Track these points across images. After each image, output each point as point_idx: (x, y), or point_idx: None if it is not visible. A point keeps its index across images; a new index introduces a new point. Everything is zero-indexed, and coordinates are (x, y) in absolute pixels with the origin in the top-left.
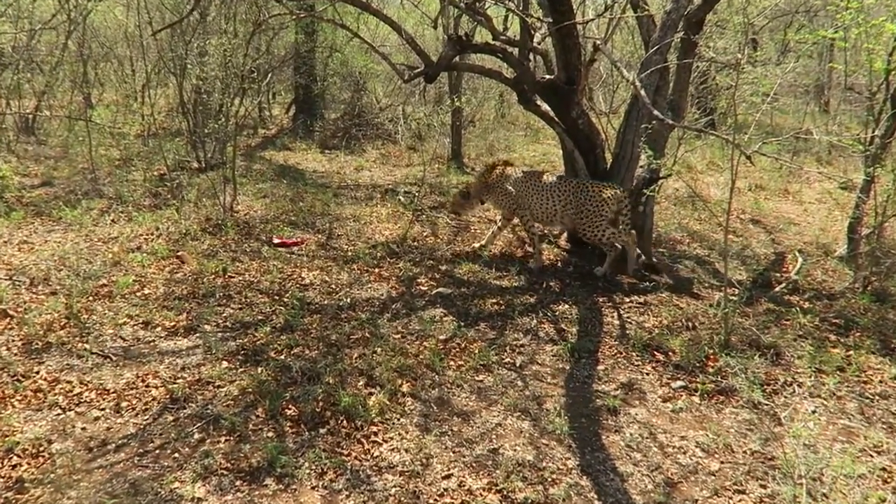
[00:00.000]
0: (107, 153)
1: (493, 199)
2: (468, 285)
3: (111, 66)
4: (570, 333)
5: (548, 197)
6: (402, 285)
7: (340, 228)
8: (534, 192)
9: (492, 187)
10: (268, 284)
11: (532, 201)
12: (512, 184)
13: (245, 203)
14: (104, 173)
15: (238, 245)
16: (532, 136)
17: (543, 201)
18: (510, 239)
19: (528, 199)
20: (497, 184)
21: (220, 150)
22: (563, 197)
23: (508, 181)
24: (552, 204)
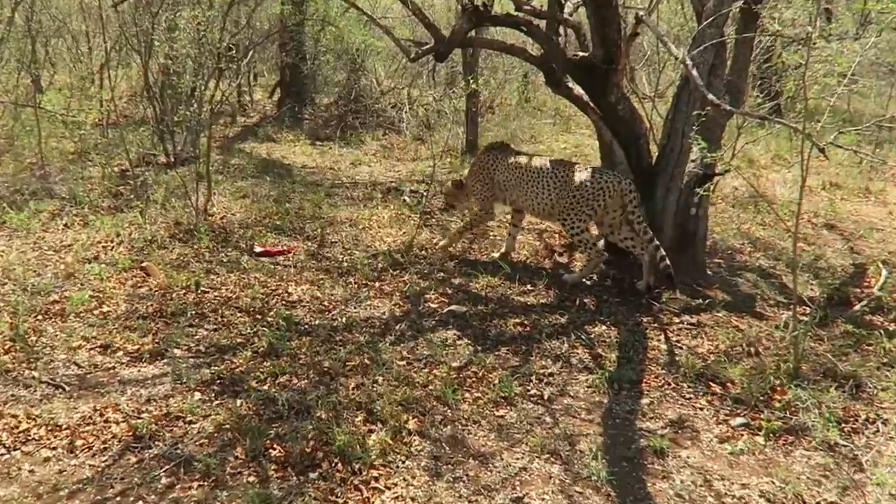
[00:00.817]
0: (59, 146)
1: (469, 184)
2: (486, 302)
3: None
4: (608, 360)
5: (543, 185)
6: (407, 302)
7: (334, 234)
8: (524, 179)
9: (473, 171)
10: (248, 301)
11: (522, 190)
12: (501, 170)
13: (222, 204)
14: (56, 169)
15: (213, 254)
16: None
17: (537, 190)
18: (536, 247)
19: (513, 188)
20: (480, 167)
21: (193, 142)
22: (558, 184)
23: (496, 166)
24: (545, 193)
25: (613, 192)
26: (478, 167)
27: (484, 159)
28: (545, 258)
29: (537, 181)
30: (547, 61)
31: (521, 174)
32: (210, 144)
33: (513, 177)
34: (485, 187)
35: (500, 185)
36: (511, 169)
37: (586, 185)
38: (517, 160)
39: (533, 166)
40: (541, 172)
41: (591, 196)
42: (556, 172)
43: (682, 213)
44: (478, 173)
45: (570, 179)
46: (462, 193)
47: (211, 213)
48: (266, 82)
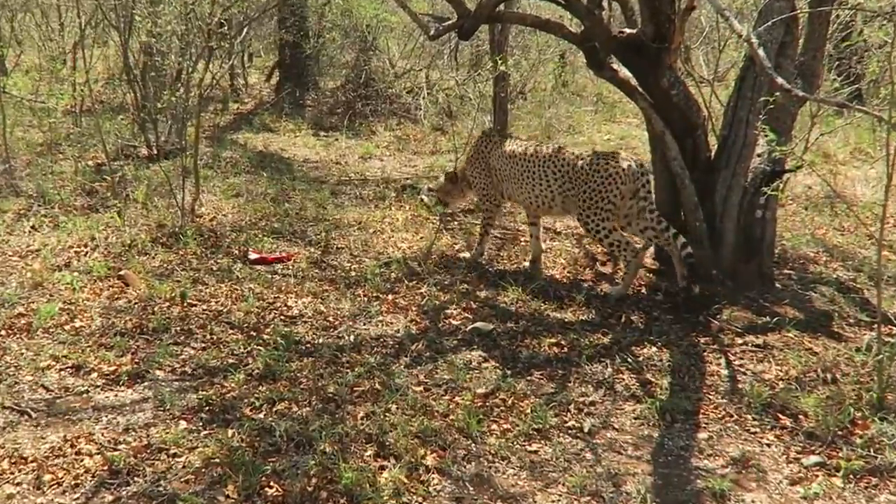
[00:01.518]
0: (25, 136)
1: (468, 177)
2: (517, 319)
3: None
4: (658, 387)
5: (540, 175)
6: (425, 318)
7: (341, 239)
8: (520, 169)
9: (471, 160)
10: (242, 316)
11: (519, 182)
12: (496, 158)
13: (212, 204)
14: (22, 163)
15: (201, 262)
16: (606, 112)
17: (534, 181)
18: (575, 255)
19: (510, 179)
20: (477, 156)
21: (178, 133)
22: (561, 174)
23: (491, 154)
24: (546, 185)
25: (624, 177)
26: (473, 154)
27: (478, 145)
28: (585, 267)
29: (533, 171)
30: (588, 39)
31: (515, 163)
32: (198, 135)
33: (506, 166)
34: (482, 175)
35: (496, 175)
36: (505, 157)
37: (596, 174)
38: (512, 147)
39: (528, 154)
40: (537, 161)
41: (605, 186)
42: (554, 160)
43: (747, 216)
44: (473, 161)
45: (572, 168)
46: (457, 188)
47: (199, 214)
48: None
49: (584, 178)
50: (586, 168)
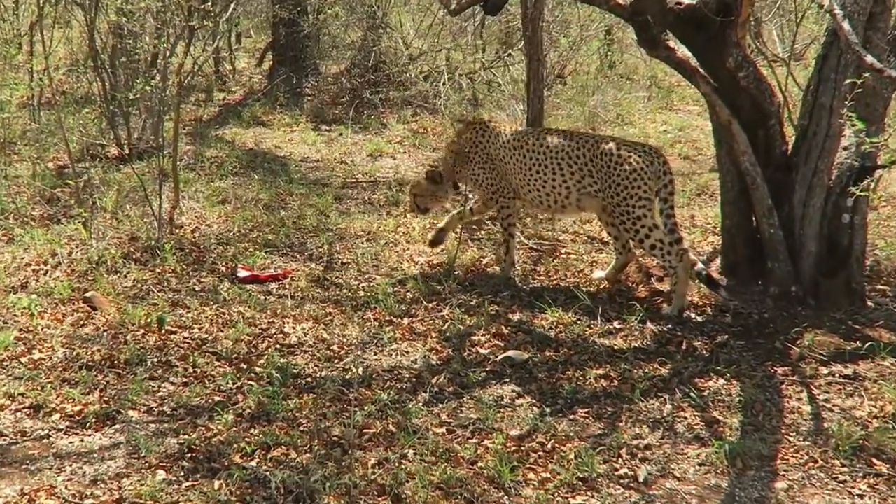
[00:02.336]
0: None
1: (467, 177)
2: (557, 346)
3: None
4: (727, 427)
5: (554, 167)
6: (447, 346)
7: (346, 253)
8: (530, 161)
9: (465, 157)
10: (230, 345)
11: (527, 176)
12: (497, 147)
13: (194, 213)
14: None
15: (182, 281)
16: (661, 98)
17: (546, 174)
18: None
19: (520, 174)
20: (473, 150)
21: (154, 128)
22: (579, 165)
23: (491, 144)
24: (560, 179)
25: (650, 170)
26: (469, 147)
27: (473, 135)
28: (638, 284)
29: (546, 162)
30: (639, 12)
31: (524, 153)
32: (177, 131)
33: (513, 157)
34: (487, 170)
35: (501, 168)
36: (511, 146)
37: (630, 164)
38: (519, 134)
39: (540, 142)
40: (551, 150)
41: (639, 176)
42: (574, 148)
43: (832, 221)
44: (472, 156)
45: (598, 158)
46: (441, 189)
47: (179, 225)
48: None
49: (616, 167)
50: (626, 158)
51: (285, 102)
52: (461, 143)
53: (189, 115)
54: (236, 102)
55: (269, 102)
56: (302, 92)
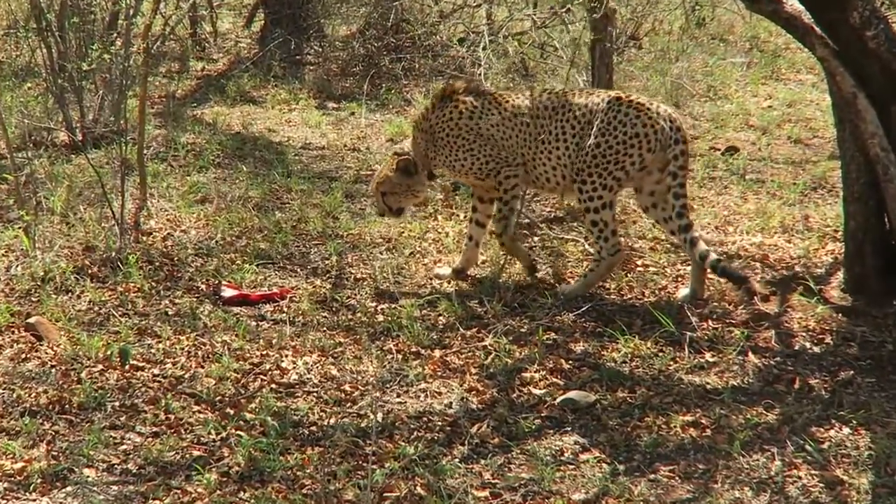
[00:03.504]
0: None
1: (445, 159)
2: (633, 385)
3: None
4: (853, 490)
5: (560, 134)
6: (490, 386)
7: (361, 266)
8: (531, 131)
9: (442, 134)
10: (212, 384)
11: (530, 149)
12: (482, 120)
13: (165, 215)
14: None
15: (151, 302)
16: (764, 65)
17: (553, 145)
18: (720, 286)
19: (516, 147)
20: (449, 125)
21: (115, 108)
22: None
23: (472, 115)
24: (566, 149)
25: (655, 136)
26: (451, 125)
27: (454, 110)
28: (737, 305)
29: (549, 130)
30: None
31: (521, 122)
32: (144, 110)
33: (509, 127)
34: (478, 151)
35: (495, 144)
36: (504, 115)
37: (614, 125)
38: (510, 99)
39: (539, 106)
40: (555, 114)
41: (622, 143)
42: (578, 110)
43: None
44: (455, 135)
45: (592, 118)
46: (417, 181)
47: (146, 231)
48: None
49: (602, 130)
50: (613, 117)
51: (281, 73)
52: (434, 121)
53: (159, 90)
54: (219, 74)
55: (261, 74)
56: (302, 60)
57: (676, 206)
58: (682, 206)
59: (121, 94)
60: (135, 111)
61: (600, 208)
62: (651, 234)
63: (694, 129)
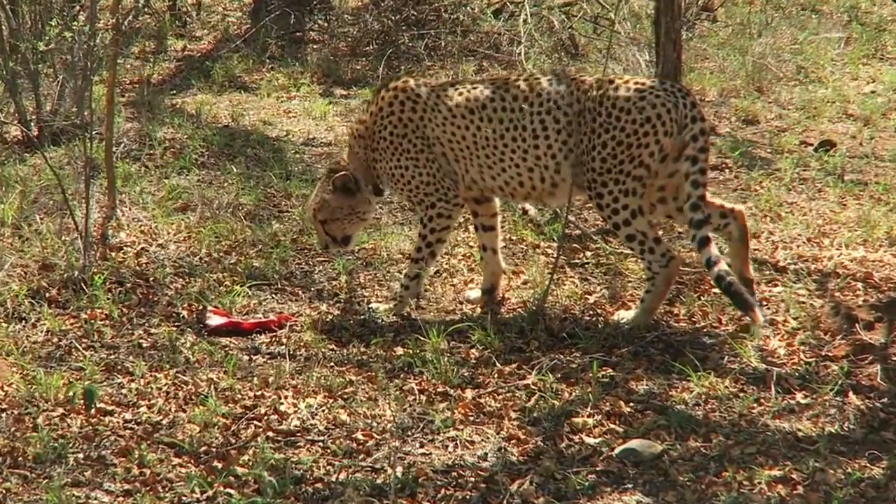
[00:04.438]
0: None
1: (388, 170)
2: (707, 432)
3: None
4: None
5: (535, 130)
6: (533, 432)
7: (376, 287)
8: (494, 126)
9: (385, 139)
10: (196, 432)
11: (494, 150)
12: (437, 118)
13: (139, 227)
14: None
15: (121, 332)
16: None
17: (526, 143)
18: (815, 311)
19: (479, 150)
20: (392, 126)
21: (78, 96)
22: (569, 121)
23: (426, 111)
24: (547, 147)
25: (669, 116)
26: (391, 128)
27: (398, 108)
28: (834, 334)
29: (518, 126)
30: None
31: (479, 119)
32: (113, 98)
33: (461, 128)
34: (422, 160)
35: (443, 151)
36: (456, 112)
37: (616, 115)
38: (466, 95)
39: (504, 97)
40: (531, 105)
41: (633, 134)
42: (558, 97)
43: None
44: (395, 139)
45: (590, 104)
46: (361, 200)
47: (116, 246)
48: None
49: (605, 119)
50: (622, 100)
51: (279, 54)
52: (374, 123)
53: (130, 74)
54: (203, 55)
55: (255, 54)
56: (304, 37)
57: (693, 195)
58: (699, 196)
59: (85, 79)
60: (102, 100)
61: (630, 218)
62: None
63: (781, 119)
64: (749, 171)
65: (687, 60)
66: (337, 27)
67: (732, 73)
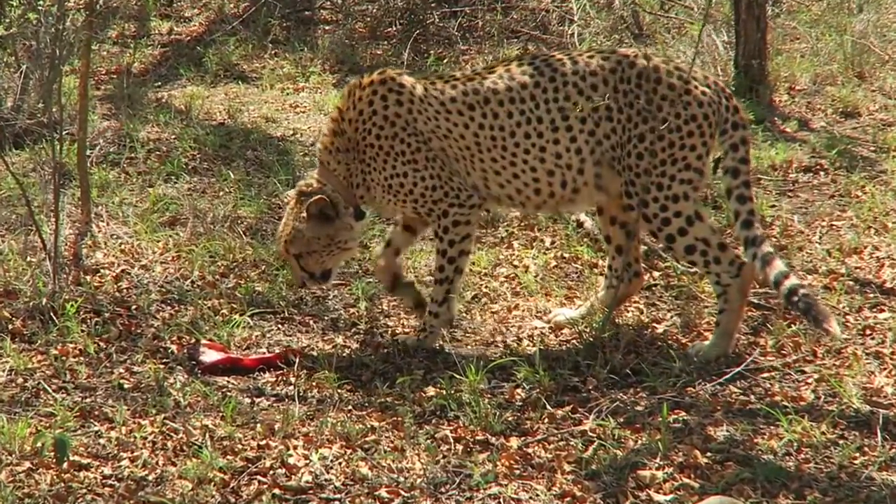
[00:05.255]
0: None
1: (383, 182)
2: (801, 486)
3: None
4: None
5: (550, 121)
6: (592, 488)
7: (399, 315)
8: (502, 122)
9: (372, 146)
10: (189, 489)
11: (501, 153)
12: (430, 111)
13: (119, 245)
14: None
15: (99, 370)
16: None
17: (544, 137)
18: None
19: (485, 153)
20: (378, 128)
21: (44, 90)
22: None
23: (413, 101)
24: (567, 141)
25: (713, 112)
26: (375, 133)
27: (379, 108)
28: None
29: (538, 117)
30: None
31: (486, 117)
32: (87, 92)
33: (458, 125)
34: (421, 165)
35: (442, 146)
36: (452, 107)
37: (692, 102)
38: (457, 88)
39: (513, 86)
40: (546, 98)
41: (679, 130)
42: (581, 80)
43: None
44: (384, 145)
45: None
46: (341, 227)
47: (92, 268)
48: None
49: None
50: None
51: (284, 37)
52: (355, 130)
53: (107, 63)
54: (193, 39)
55: (254, 38)
56: (314, 17)
57: (743, 212)
58: (749, 212)
59: (53, 69)
60: (73, 94)
61: (687, 226)
62: (826, 265)
63: (886, 111)
64: (848, 174)
65: (773, 41)
66: (353, 5)
67: (828, 55)
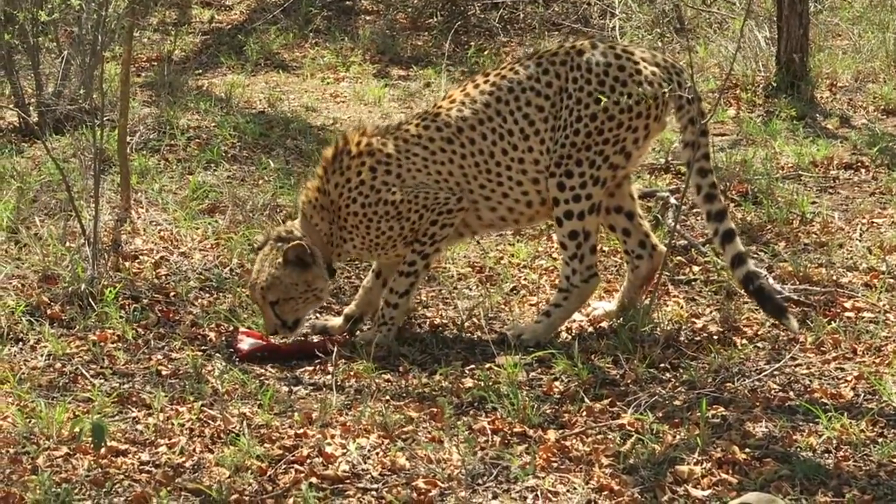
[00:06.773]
0: None
1: (367, 244)
2: (840, 484)
3: None
4: None
5: (520, 130)
6: (630, 482)
7: (439, 305)
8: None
9: (356, 214)
10: (226, 476)
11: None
12: (417, 163)
13: (158, 231)
14: None
15: (136, 356)
16: None
17: (519, 148)
18: None
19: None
20: (364, 198)
21: (85, 76)
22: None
23: (401, 165)
24: (538, 144)
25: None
26: (360, 202)
27: (367, 179)
28: None
29: (508, 134)
30: None
31: (465, 146)
32: (128, 79)
33: (444, 163)
34: (403, 210)
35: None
36: (433, 147)
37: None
38: (432, 121)
39: (477, 108)
40: (509, 109)
41: (620, 111)
42: (544, 80)
43: None
44: (368, 213)
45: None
46: (317, 275)
47: (131, 254)
48: None
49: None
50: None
51: (325, 26)
52: (339, 196)
53: (148, 50)
54: (233, 27)
55: (295, 27)
56: (355, 7)
57: (704, 186)
58: (710, 185)
59: (94, 55)
60: (114, 80)
61: (586, 212)
62: (866, 262)
63: None
64: (889, 171)
65: (815, 38)
66: None
67: (870, 53)
